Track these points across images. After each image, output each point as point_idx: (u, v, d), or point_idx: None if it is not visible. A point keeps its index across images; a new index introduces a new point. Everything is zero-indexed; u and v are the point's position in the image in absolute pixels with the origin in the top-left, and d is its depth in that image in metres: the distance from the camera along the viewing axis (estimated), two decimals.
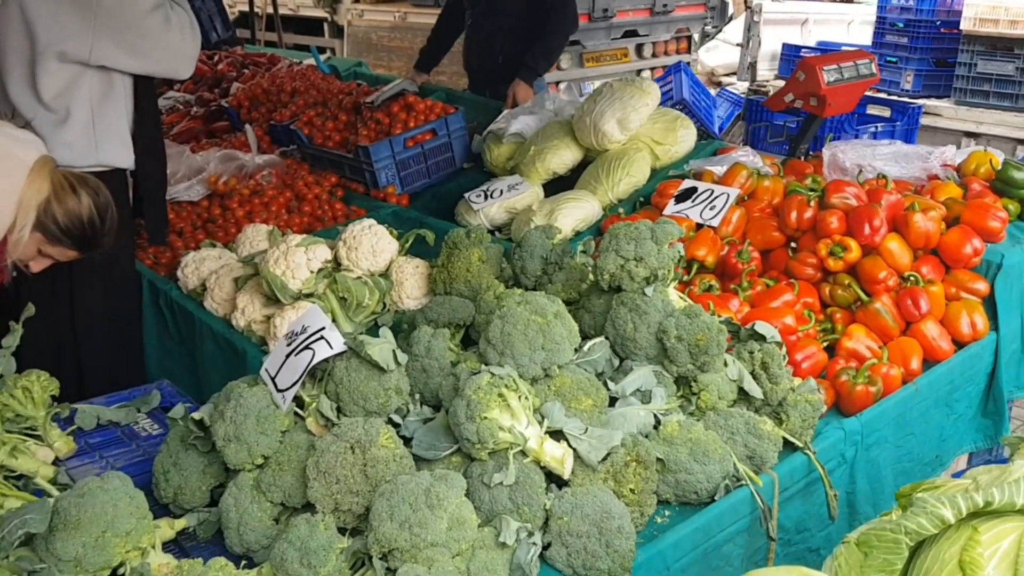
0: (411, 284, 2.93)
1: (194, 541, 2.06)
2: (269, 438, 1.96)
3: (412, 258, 3.02)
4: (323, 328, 2.04)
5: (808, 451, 2.23)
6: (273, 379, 2.06)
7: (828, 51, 7.57)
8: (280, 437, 1.98)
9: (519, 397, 1.92)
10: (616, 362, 2.23)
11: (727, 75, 12.60)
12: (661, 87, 6.84)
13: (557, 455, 1.88)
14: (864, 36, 9.40)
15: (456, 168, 4.28)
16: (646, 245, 2.29)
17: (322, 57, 6.02)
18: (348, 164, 4.22)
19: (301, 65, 5.73)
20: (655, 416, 2.14)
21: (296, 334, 2.09)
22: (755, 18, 7.34)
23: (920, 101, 6.43)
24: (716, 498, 2.04)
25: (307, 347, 2.02)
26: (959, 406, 2.75)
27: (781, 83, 7.76)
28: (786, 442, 2.21)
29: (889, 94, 6.65)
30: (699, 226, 3.14)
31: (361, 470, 1.83)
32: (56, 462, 2.34)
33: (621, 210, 3.34)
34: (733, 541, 2.07)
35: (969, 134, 6.35)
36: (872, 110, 5.05)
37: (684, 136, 3.68)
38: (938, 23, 6.66)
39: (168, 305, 3.28)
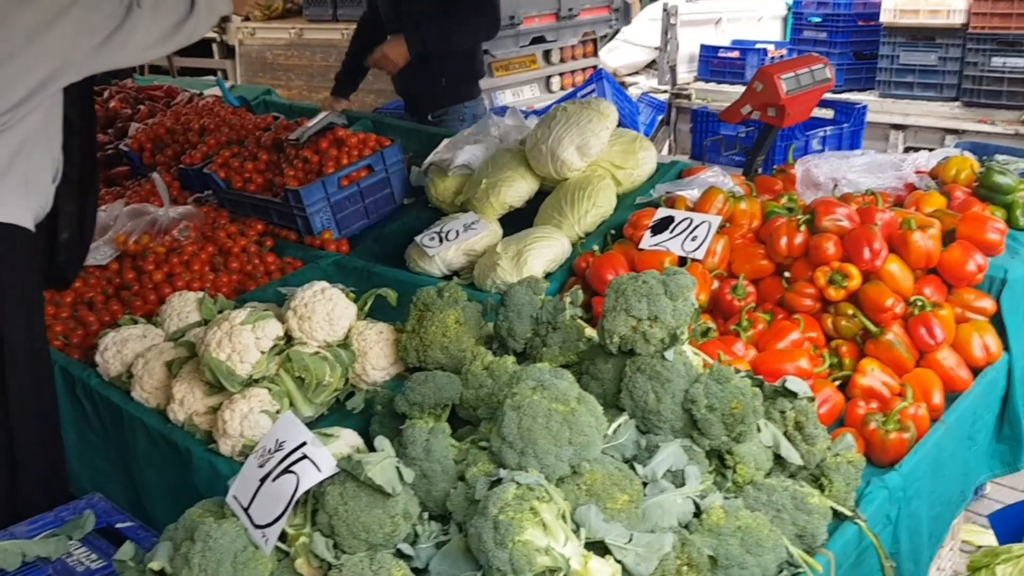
0: (376, 353, 2.58)
1: None
2: None
3: (373, 322, 2.67)
4: (304, 444, 1.69)
5: (859, 520, 2.00)
6: (246, 511, 1.70)
7: (745, 49, 7.52)
8: None
9: (554, 509, 1.61)
10: (643, 442, 1.95)
11: (630, 75, 12.53)
12: (582, 96, 6.64)
13: None
14: (774, 32, 9.43)
15: (396, 205, 3.93)
16: (660, 302, 2.02)
17: (225, 85, 5.56)
18: (275, 209, 3.82)
19: (204, 98, 5.26)
20: (694, 502, 1.86)
21: (269, 451, 1.73)
22: (671, 20, 7.20)
23: (843, 96, 6.40)
24: None
25: (288, 470, 1.67)
26: (979, 436, 2.58)
27: (701, 85, 7.69)
28: None
29: None
30: (682, 260, 2.90)
31: None
32: None
33: (596, 247, 3.06)
34: None
35: (896, 126, 6.35)
36: (816, 112, 4.93)
37: (645, 158, 3.43)
38: (855, 16, 6.65)
39: (87, 395, 2.84)
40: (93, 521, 2.24)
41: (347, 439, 2.18)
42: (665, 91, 7.90)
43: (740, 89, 6.17)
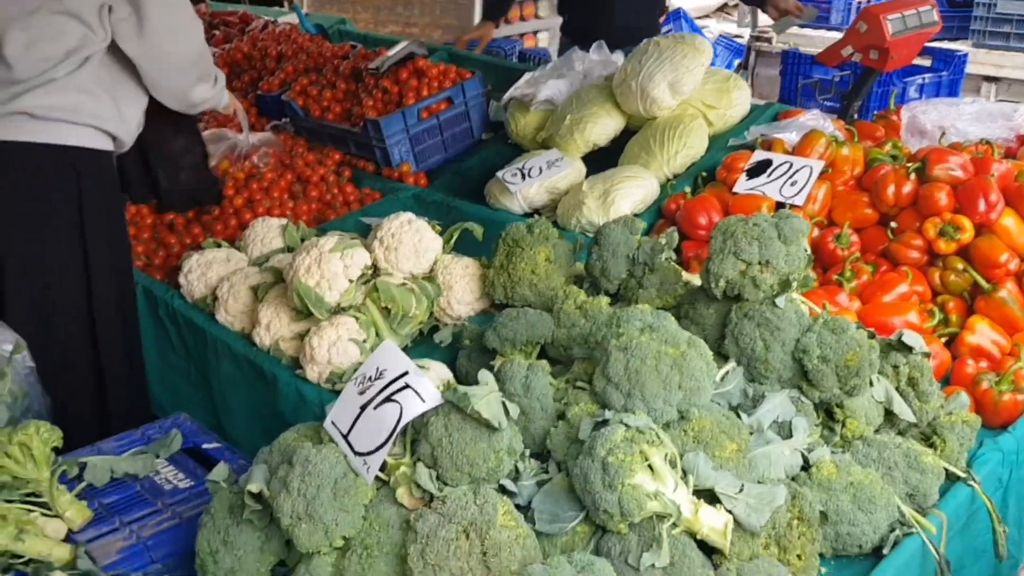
0: (461, 288, 2.53)
1: None
2: (351, 515, 1.57)
3: (459, 256, 2.61)
4: (406, 373, 1.64)
5: (973, 482, 1.90)
6: (345, 438, 1.66)
7: None
8: (363, 512, 1.59)
9: (662, 454, 1.55)
10: (749, 391, 1.87)
11: (699, 17, 12.13)
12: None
13: (717, 525, 1.52)
14: None
15: (474, 140, 3.85)
16: (772, 246, 1.92)
17: (301, 11, 5.47)
18: (353, 139, 3.76)
19: (280, 25, 5.19)
20: (802, 455, 1.79)
21: (369, 379, 1.69)
22: None
23: (936, 44, 6.09)
24: (885, 551, 1.71)
25: (389, 399, 1.62)
26: None
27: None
28: None
29: None
30: (779, 206, 2.77)
31: (480, 560, 1.45)
32: (69, 536, 1.92)
33: (687, 189, 2.95)
34: None
35: (989, 78, 6.04)
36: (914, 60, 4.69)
37: (739, 98, 3.28)
38: None
39: (170, 317, 2.84)
40: (180, 440, 2.24)
41: (437, 371, 2.15)
42: (742, 35, 7.62)
43: (823, 33, 5.91)
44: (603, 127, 3.30)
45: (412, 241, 2.52)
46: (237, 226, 3.26)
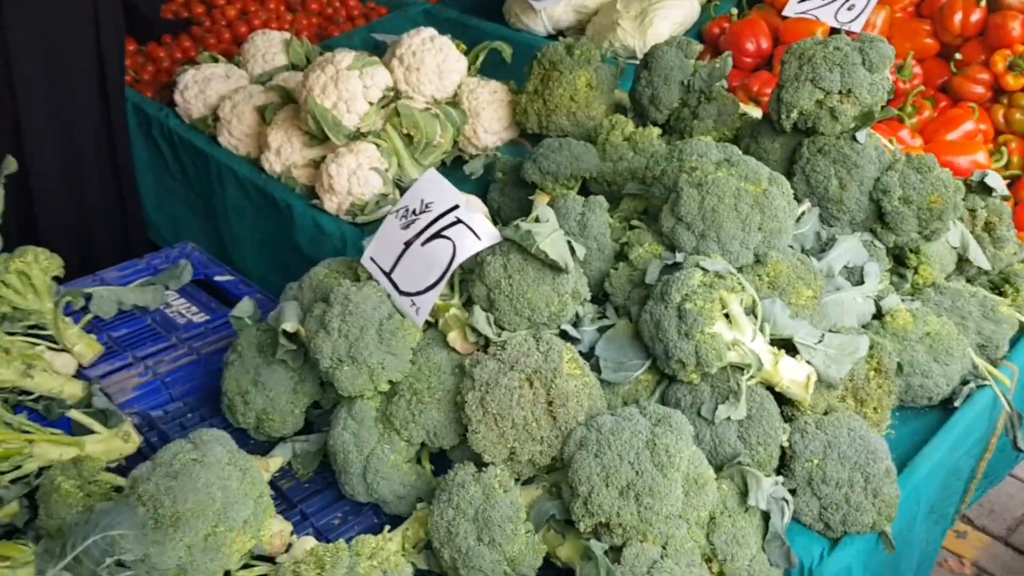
0: (489, 115, 2.31)
1: (292, 481, 1.58)
2: (398, 358, 1.44)
3: (486, 80, 2.37)
4: (455, 207, 1.46)
5: None
6: (388, 276, 1.51)
7: None
8: (411, 356, 1.46)
9: (740, 300, 1.41)
10: (823, 234, 1.72)
11: None
12: None
13: (799, 378, 1.41)
14: None
15: None
16: (856, 73, 1.72)
17: None
18: None
19: None
20: (874, 302, 1.67)
21: (413, 212, 1.52)
22: None
23: None
24: (956, 404, 1.62)
25: (439, 235, 1.46)
26: None
27: None
28: None
29: None
30: (832, 32, 2.53)
31: (546, 410, 1.34)
32: (80, 372, 1.79)
33: (733, 11, 2.69)
34: (968, 452, 1.68)
35: None
36: None
37: None
38: None
39: (166, 138, 2.61)
40: (190, 272, 2.08)
41: (476, 205, 1.97)
42: None
43: None
44: None
45: (435, 61, 2.28)
46: (231, 40, 2.98)
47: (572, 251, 1.42)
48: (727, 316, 1.39)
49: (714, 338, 1.36)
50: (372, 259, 1.55)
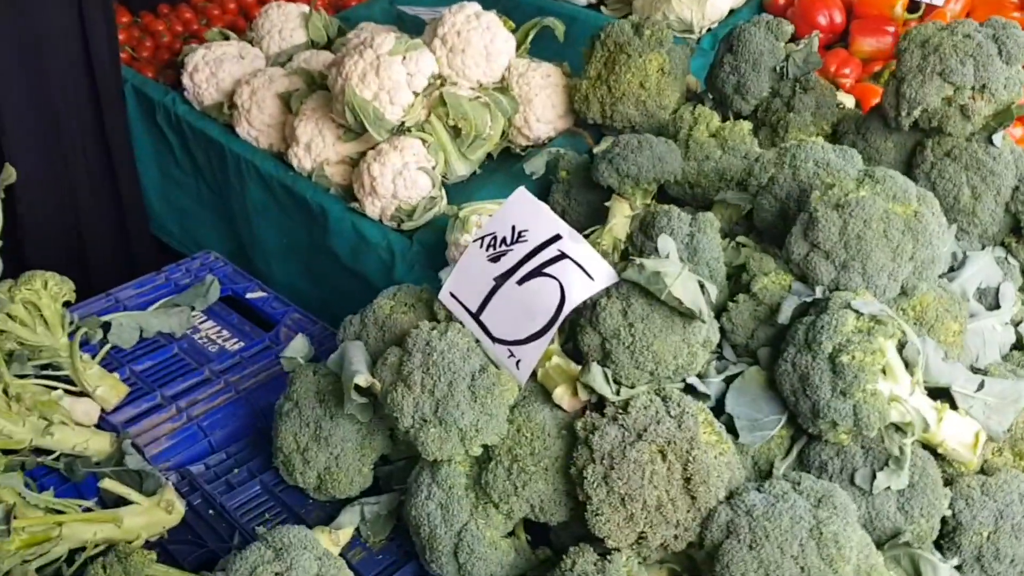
0: (542, 102, 2.07)
1: (363, 552, 1.37)
2: (494, 419, 1.22)
3: (536, 61, 2.12)
4: (558, 237, 1.24)
5: None
6: (477, 318, 1.28)
7: None
8: (509, 415, 1.25)
9: (896, 342, 1.21)
10: (959, 253, 1.52)
11: None
12: None
13: (966, 438, 1.21)
14: None
15: None
16: (993, 66, 1.50)
17: None
18: None
19: None
20: (1014, 330, 1.47)
21: (504, 242, 1.29)
22: None
23: None
24: None
25: (540, 272, 1.23)
26: None
27: None
28: None
29: None
30: (913, 5, 2.31)
31: (683, 488, 1.13)
32: (103, 420, 1.56)
33: None
34: None
35: None
36: None
37: None
38: None
39: (172, 126, 2.34)
40: (218, 289, 1.84)
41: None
42: None
43: None
44: None
45: (482, 42, 2.02)
46: (236, 10, 2.70)
47: (705, 293, 1.21)
48: (887, 363, 1.19)
49: (876, 397, 1.16)
50: (454, 295, 1.33)
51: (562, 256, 1.23)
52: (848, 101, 1.90)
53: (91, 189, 2.43)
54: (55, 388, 1.51)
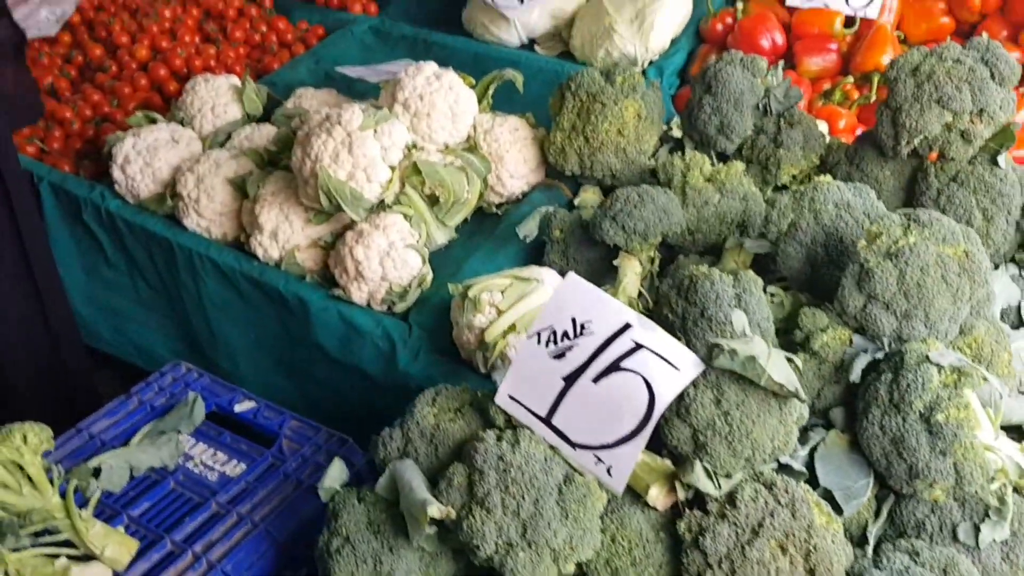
0: (514, 157, 1.99)
1: None
2: (588, 532, 1.14)
3: (500, 115, 2.04)
4: (627, 326, 1.16)
5: None
6: (548, 422, 1.19)
7: None
8: (601, 525, 1.16)
9: (975, 393, 1.19)
10: None
11: None
12: None
13: None
14: None
15: None
16: (988, 90, 1.52)
17: None
18: None
19: None
20: None
21: (565, 335, 1.20)
22: None
23: None
24: None
25: (617, 367, 1.15)
26: None
27: None
28: None
29: None
30: (848, 21, 2.36)
31: None
32: None
33: (740, 4, 2.45)
34: None
35: None
36: None
37: None
38: None
39: (103, 224, 2.13)
40: (203, 408, 1.67)
41: (551, 283, 1.67)
42: None
43: None
44: None
45: (446, 103, 1.93)
46: (149, 86, 2.49)
47: (797, 369, 1.15)
48: (975, 414, 1.17)
49: (975, 451, 1.14)
50: (513, 398, 1.23)
51: (638, 347, 1.15)
52: (822, 127, 1.91)
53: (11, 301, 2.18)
54: (57, 556, 1.33)
